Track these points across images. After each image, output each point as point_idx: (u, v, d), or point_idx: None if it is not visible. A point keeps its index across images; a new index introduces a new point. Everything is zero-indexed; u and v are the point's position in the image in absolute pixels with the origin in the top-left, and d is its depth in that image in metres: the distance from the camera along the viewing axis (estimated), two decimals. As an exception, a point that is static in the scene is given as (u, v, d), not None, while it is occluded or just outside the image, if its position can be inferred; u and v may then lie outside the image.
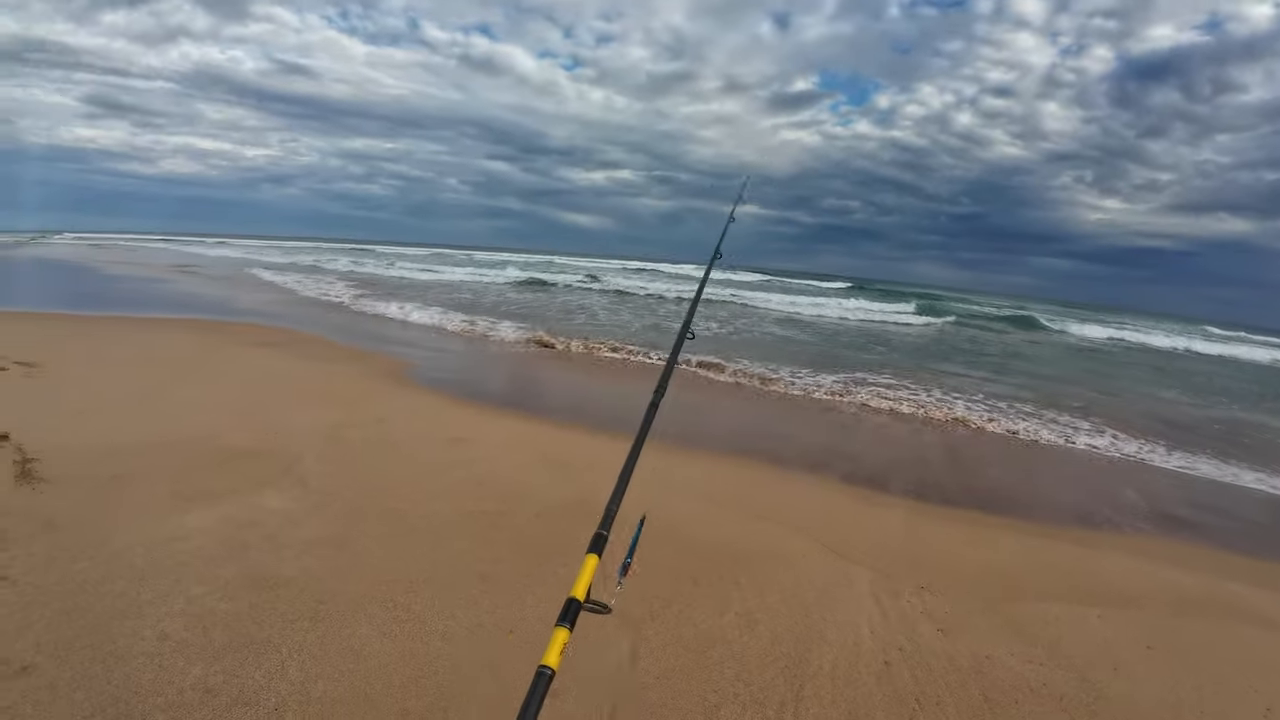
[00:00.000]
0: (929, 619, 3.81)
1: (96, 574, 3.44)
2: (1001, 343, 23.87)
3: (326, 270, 33.13)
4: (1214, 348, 31.33)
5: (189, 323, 13.12)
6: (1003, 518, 5.76)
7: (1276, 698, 3.44)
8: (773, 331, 20.20)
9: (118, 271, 25.39)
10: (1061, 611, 4.09)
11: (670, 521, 4.79)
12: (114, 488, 4.49)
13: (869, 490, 6.12)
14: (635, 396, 9.88)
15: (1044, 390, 12.96)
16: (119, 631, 3.01)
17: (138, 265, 29.16)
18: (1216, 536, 5.92)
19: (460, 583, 3.68)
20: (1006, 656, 3.52)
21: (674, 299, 29.14)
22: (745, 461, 6.63)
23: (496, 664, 3.05)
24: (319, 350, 10.81)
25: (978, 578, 4.42)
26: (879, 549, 4.70)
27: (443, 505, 4.68)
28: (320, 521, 4.23)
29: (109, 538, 3.81)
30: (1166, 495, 7.01)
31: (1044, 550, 5.05)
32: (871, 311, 30.37)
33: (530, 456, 5.98)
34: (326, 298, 20.12)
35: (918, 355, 17.16)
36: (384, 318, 16.47)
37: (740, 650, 3.33)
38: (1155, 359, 24.40)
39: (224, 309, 15.78)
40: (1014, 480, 7.16)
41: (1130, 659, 3.65)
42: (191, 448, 5.38)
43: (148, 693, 2.67)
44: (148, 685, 2.71)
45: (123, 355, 9.06)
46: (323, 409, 6.88)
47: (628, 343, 14.39)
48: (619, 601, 1.46)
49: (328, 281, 26.12)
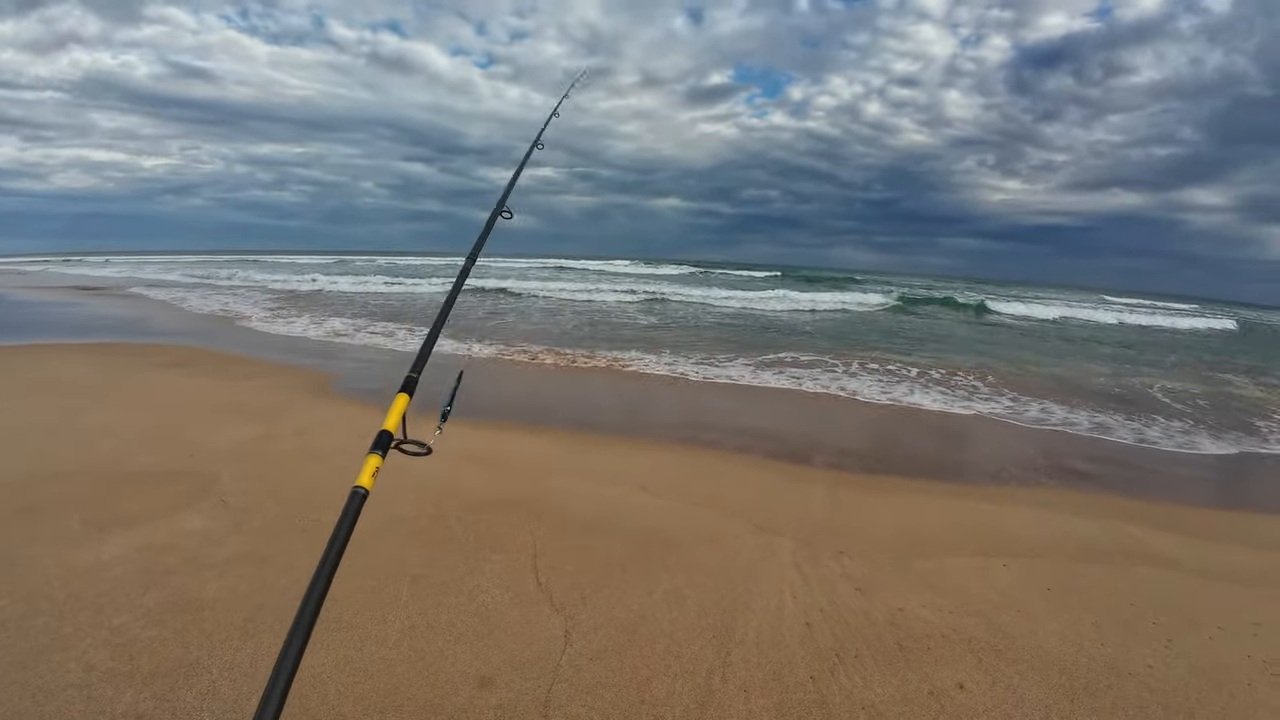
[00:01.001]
0: (847, 580, 4.04)
1: (16, 611, 3.35)
2: (947, 327, 24.80)
3: (223, 285, 31.95)
4: (1111, 316, 33.37)
5: (88, 347, 12.52)
6: (915, 481, 6.10)
7: (1176, 630, 3.75)
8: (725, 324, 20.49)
9: (6, 297, 23.96)
10: (969, 564, 4.39)
11: (603, 512, 4.92)
12: (25, 521, 4.34)
13: (794, 466, 6.37)
14: (559, 395, 9.97)
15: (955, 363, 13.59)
16: (45, 666, 2.96)
17: (28, 289, 27.56)
18: (1117, 485, 6.39)
19: (391, 587, 3.72)
20: (918, 608, 3.77)
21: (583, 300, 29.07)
22: (681, 450, 6.81)
23: (430, 666, 3.12)
24: (231, 367, 10.49)
25: (892, 539, 4.69)
26: (801, 521, 4.93)
27: (369, 512, 4.66)
28: (242, 539, 4.20)
29: (25, 573, 3.70)
30: (1068, 451, 7.51)
31: (954, 510, 5.38)
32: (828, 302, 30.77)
33: (458, 459, 6.00)
34: (227, 313, 19.46)
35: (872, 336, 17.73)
36: (294, 335, 16.05)
37: (669, 626, 3.48)
38: (1061, 330, 25.82)
39: (125, 330, 15.11)
40: (929, 448, 7.54)
41: (1033, 602, 3.95)
42: (103, 475, 5.22)
43: (80, 722, 2.65)
44: (78, 716, 2.68)
45: (21, 384, 8.62)
46: (239, 425, 6.73)
47: (553, 346, 14.43)
48: (438, 444, 1.53)
49: (227, 297, 25.24)
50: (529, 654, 3.20)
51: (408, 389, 1.61)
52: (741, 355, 13.09)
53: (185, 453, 5.82)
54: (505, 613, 3.52)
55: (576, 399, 9.54)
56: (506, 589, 3.75)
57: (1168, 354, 18.86)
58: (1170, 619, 3.87)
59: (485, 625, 3.40)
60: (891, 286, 46.97)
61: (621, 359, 12.28)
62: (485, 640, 3.28)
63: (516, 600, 3.65)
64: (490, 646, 3.24)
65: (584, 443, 6.89)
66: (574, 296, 27.63)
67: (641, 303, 26.54)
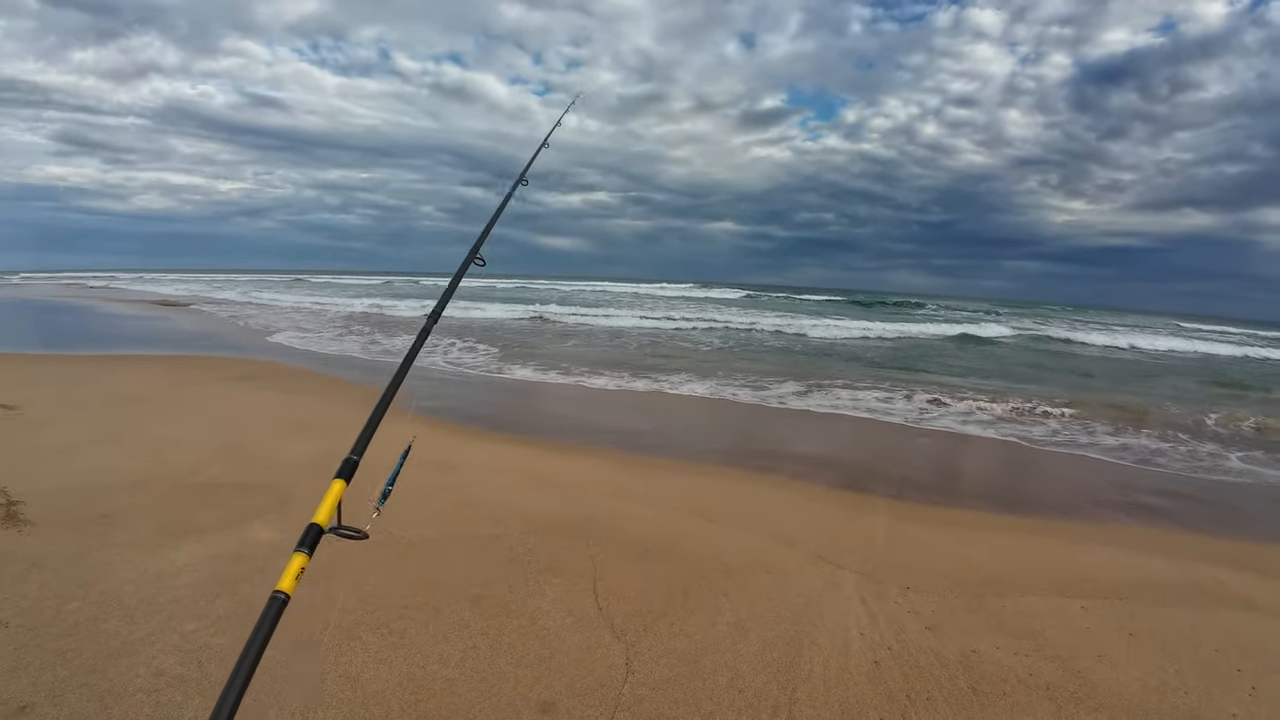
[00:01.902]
0: (915, 617, 3.89)
1: (88, 614, 3.43)
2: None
3: (287, 303, 32.90)
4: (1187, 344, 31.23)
5: (158, 358, 13.01)
6: (983, 513, 5.89)
7: (1260, 676, 3.54)
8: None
9: (88, 309, 25.08)
10: (1044, 604, 4.19)
11: (660, 537, 4.86)
12: (100, 527, 4.47)
13: (853, 494, 6.22)
14: (613, 416, 9.95)
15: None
16: (114, 670, 3.01)
17: (99, 301, 28.81)
18: (1196, 523, 6.10)
19: (452, 606, 3.71)
20: (992, 650, 3.61)
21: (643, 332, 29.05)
22: (736, 475, 6.72)
23: (492, 688, 3.08)
24: (294, 382, 10.76)
25: (961, 576, 4.51)
26: (864, 553, 4.79)
27: (432, 530, 4.70)
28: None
29: (99, 577, 3.80)
30: (1144, 486, 7.18)
31: (1025, 546, 5.17)
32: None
33: (516, 478, 6.02)
34: (290, 329, 20.01)
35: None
36: (352, 352, 16.42)
37: (733, 658, 3.39)
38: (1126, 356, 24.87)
39: (193, 344, 15.65)
40: (996, 480, 7.30)
41: (1113, 646, 3.75)
42: (175, 484, 5.36)
43: (146, 729, 2.68)
44: (146, 721, 2.72)
45: (97, 394, 8.97)
46: (305, 440, 6.87)
47: (605, 368, 14.47)
48: (374, 528, 1.44)
49: (292, 314, 25.97)
50: (590, 681, 3.14)
51: (345, 474, 1.49)
52: (796, 379, 12.92)
53: (253, 465, 5.96)
54: (566, 637, 3.47)
55: (630, 421, 9.53)
56: (568, 613, 3.71)
57: (1258, 388, 17.64)
58: (1254, 665, 3.64)
59: (547, 649, 3.36)
60: (954, 310, 46.19)
61: (673, 381, 12.23)
62: (546, 665, 3.24)
63: (578, 625, 3.60)
64: (551, 671, 3.19)
65: (638, 465, 6.84)
66: (627, 324, 27.33)
67: (703, 330, 26.13)
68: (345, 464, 1.51)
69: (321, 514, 1.36)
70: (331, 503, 1.39)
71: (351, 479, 1.50)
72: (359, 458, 1.55)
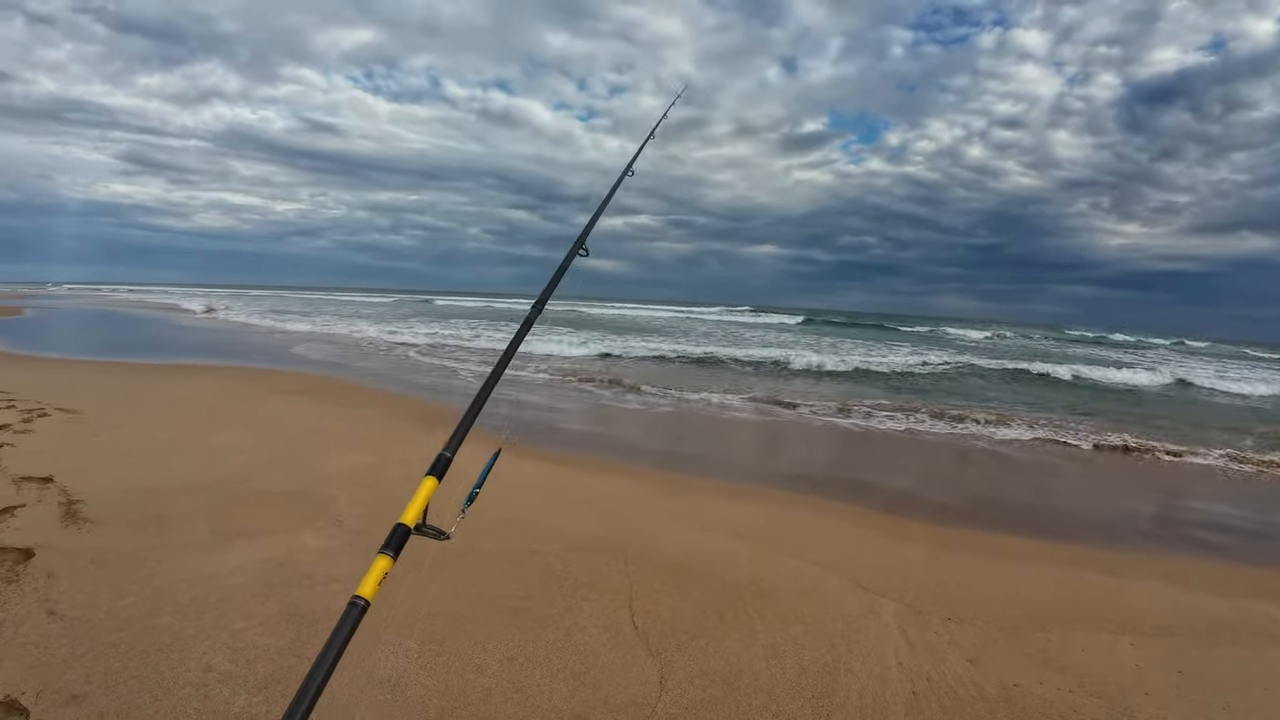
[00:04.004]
0: (956, 649, 3.82)
1: (142, 609, 3.56)
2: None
3: (339, 320, 33.63)
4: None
5: (216, 369, 13.44)
6: (1027, 542, 5.75)
7: (1314, 722, 3.40)
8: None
9: (146, 321, 26.01)
10: (1090, 639, 4.08)
11: (695, 557, 4.86)
12: (156, 527, 4.64)
13: (892, 519, 6.13)
14: (650, 434, 9.97)
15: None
16: (165, 664, 3.12)
17: (153, 310, 29.85)
18: (1248, 556, 5.89)
19: (491, 617, 3.76)
20: (1035, 685, 3.52)
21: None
22: (771, 497, 6.68)
23: (528, 699, 3.12)
24: (346, 396, 11.03)
25: (1004, 607, 4.41)
26: (904, 580, 4.72)
27: (472, 542, 4.77)
28: (354, 560, 4.34)
29: (153, 575, 3.94)
30: (1194, 519, 6.94)
31: (1071, 578, 5.02)
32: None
33: (555, 495, 6.08)
34: (344, 343, 20.47)
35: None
36: (410, 361, 16.74)
37: (768, 682, 3.37)
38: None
39: (249, 355, 16.14)
40: (1040, 508, 7.12)
41: (1162, 685, 3.63)
42: (228, 489, 5.54)
43: (195, 723, 2.77)
44: (194, 715, 2.80)
45: (156, 401, 9.31)
46: (354, 452, 7.03)
47: (646, 383, 14.51)
48: (458, 531, 1.40)
49: (344, 327, 26.54)
50: (624, 698, 3.15)
51: (437, 472, 1.45)
52: (836, 400, 12.76)
53: (305, 475, 6.13)
54: (601, 653, 3.49)
55: (667, 439, 9.55)
56: (603, 629, 3.73)
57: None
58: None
59: (582, 664, 3.38)
60: (1004, 333, 45.16)
61: (712, 399, 12.21)
62: (581, 679, 3.26)
63: (613, 642, 3.61)
64: (586, 686, 3.21)
65: (673, 485, 6.85)
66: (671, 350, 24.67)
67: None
68: (438, 461, 1.47)
69: (410, 514, 1.33)
70: (421, 501, 1.36)
71: (443, 477, 1.45)
72: (452, 455, 1.50)
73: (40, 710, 2.75)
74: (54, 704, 2.80)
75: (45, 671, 3.00)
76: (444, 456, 1.47)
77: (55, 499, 4.99)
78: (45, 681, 2.93)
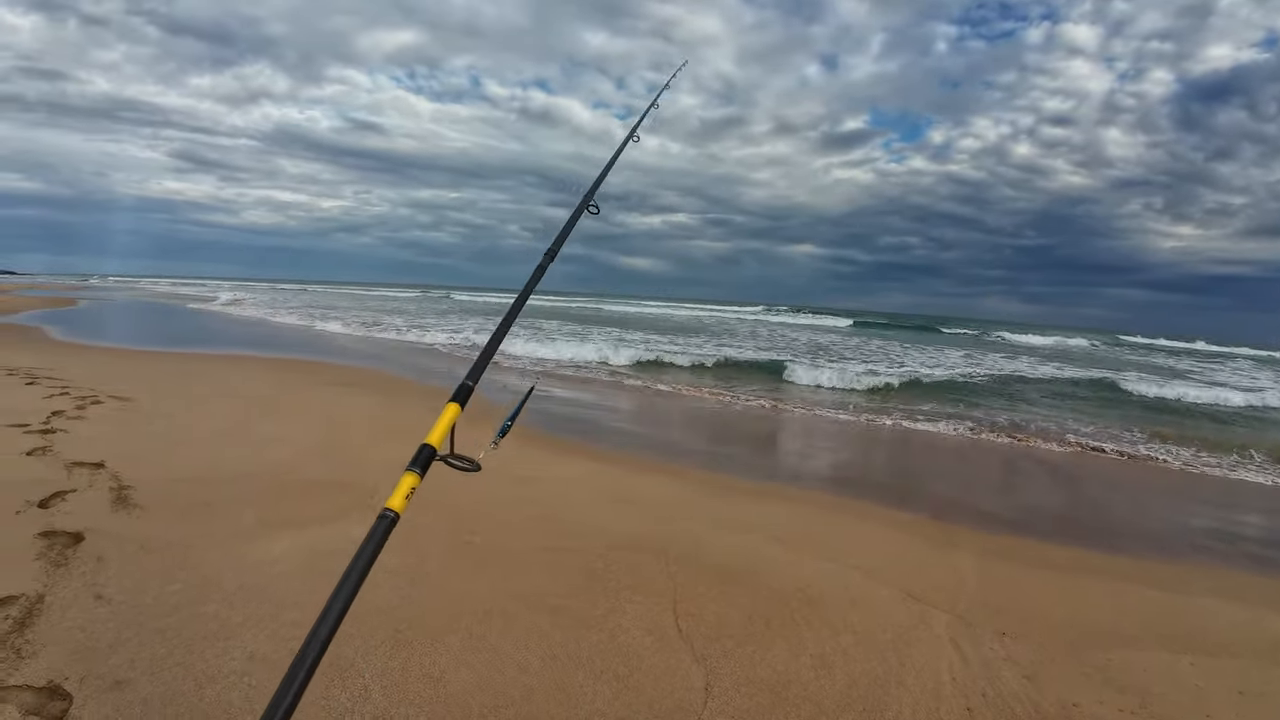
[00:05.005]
0: (1012, 665, 3.67)
1: (189, 596, 3.59)
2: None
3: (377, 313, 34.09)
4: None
5: (264, 360, 13.69)
6: (1082, 553, 5.53)
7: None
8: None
9: (198, 312, 26.67)
10: (1151, 658, 3.89)
11: (740, 561, 4.77)
12: (204, 514, 4.69)
13: (941, 526, 5.95)
14: (690, 432, 9.88)
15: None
16: (210, 651, 3.12)
17: (197, 305, 30.59)
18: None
19: (532, 615, 3.72)
20: (1095, 705, 3.36)
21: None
22: (817, 500, 6.56)
23: (571, 699, 3.06)
24: (396, 388, 11.16)
25: (1061, 623, 4.23)
26: (955, 592, 4.56)
27: (514, 539, 4.74)
28: (399, 553, 4.33)
29: (200, 562, 3.97)
30: (1255, 535, 6.64)
31: (1129, 594, 4.80)
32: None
33: (597, 493, 6.03)
34: (390, 339, 20.74)
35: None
36: (457, 355, 16.90)
37: (816, 693, 3.27)
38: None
39: (296, 348, 16.42)
40: (1097, 519, 6.88)
41: (1223, 707, 3.43)
42: (275, 479, 5.60)
43: (238, 711, 2.75)
44: (238, 703, 2.79)
45: (206, 391, 9.50)
46: (397, 445, 7.07)
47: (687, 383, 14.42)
48: (488, 460, 1.38)
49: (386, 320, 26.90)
50: (669, 703, 3.08)
51: (460, 398, 1.43)
52: (882, 403, 12.51)
53: (351, 465, 6.19)
54: (645, 656, 3.42)
55: (708, 437, 9.47)
56: (647, 632, 3.66)
57: None
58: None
59: (626, 666, 3.32)
60: (1060, 337, 44.08)
61: (754, 399, 12.08)
62: (625, 682, 3.19)
63: (658, 645, 3.54)
64: (630, 689, 3.14)
65: (716, 485, 6.75)
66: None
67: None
68: (460, 389, 1.44)
69: (435, 435, 1.32)
70: (445, 426, 1.34)
71: (466, 404, 1.42)
72: (474, 383, 1.47)
73: (83, 696, 2.75)
74: (97, 689, 2.80)
75: (90, 657, 3.01)
76: (466, 385, 1.45)
77: (106, 484, 5.07)
78: (89, 667, 2.94)
